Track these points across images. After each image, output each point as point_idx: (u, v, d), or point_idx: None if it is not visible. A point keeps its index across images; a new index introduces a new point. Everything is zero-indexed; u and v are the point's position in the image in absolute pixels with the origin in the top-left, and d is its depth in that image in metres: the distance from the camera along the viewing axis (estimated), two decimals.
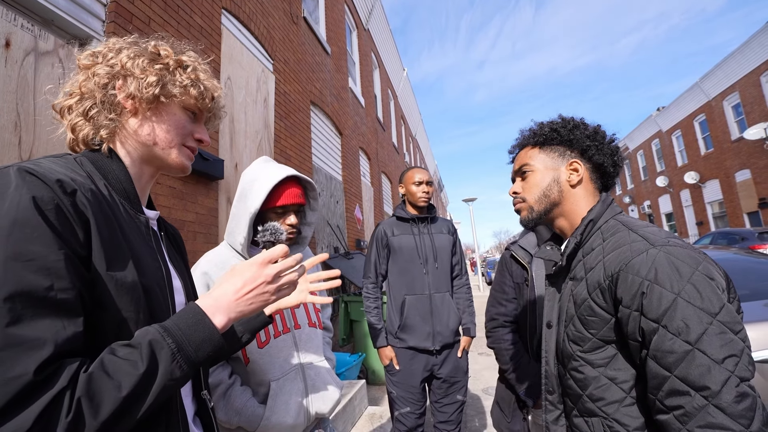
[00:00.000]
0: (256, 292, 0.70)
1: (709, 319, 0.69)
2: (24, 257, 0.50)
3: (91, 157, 0.71)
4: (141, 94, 0.74)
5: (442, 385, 2.24)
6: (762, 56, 13.74)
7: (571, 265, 0.96)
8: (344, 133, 7.80)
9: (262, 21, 4.82)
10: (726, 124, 16.06)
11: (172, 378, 0.57)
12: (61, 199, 0.56)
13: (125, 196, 0.72)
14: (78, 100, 0.73)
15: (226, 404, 1.24)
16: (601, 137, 0.99)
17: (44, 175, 0.56)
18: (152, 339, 0.57)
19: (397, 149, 14.53)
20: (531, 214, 1.01)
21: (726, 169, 16.28)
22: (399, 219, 2.39)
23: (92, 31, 2.56)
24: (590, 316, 0.85)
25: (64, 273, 0.53)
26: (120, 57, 0.74)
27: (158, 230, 0.83)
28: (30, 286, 0.49)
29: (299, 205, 1.42)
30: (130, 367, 0.53)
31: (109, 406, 0.50)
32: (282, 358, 1.33)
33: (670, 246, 0.77)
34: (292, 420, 1.27)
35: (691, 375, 0.68)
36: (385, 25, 12.05)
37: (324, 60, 7.00)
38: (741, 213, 15.72)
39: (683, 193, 19.67)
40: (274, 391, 1.28)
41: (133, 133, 0.75)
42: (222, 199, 3.76)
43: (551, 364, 0.99)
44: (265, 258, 0.72)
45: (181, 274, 0.86)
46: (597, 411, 0.84)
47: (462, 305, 2.37)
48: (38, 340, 0.48)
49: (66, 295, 0.52)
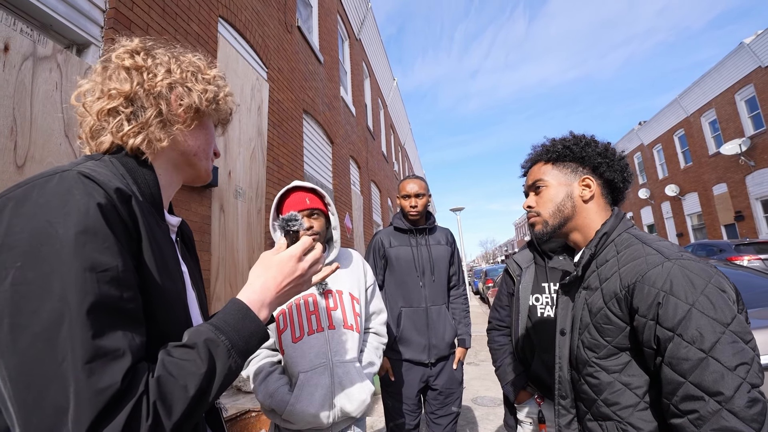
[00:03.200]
0: (293, 285, 0.74)
1: (721, 328, 0.73)
2: (99, 268, 0.50)
3: (122, 161, 0.68)
4: (202, 106, 0.74)
5: (438, 396, 2.23)
6: (736, 76, 14.33)
7: (585, 276, 0.99)
8: (335, 141, 7.83)
9: (258, 30, 4.84)
10: (704, 140, 16.63)
11: (230, 373, 0.59)
12: (119, 208, 0.56)
13: (153, 202, 0.70)
14: (126, 105, 0.69)
15: (264, 387, 1.39)
16: (612, 154, 1.02)
17: (104, 183, 0.56)
18: (207, 338, 0.59)
19: (387, 158, 14.62)
20: (546, 228, 1.05)
21: (704, 182, 16.82)
22: (396, 229, 2.38)
23: (91, 36, 2.55)
24: (606, 325, 0.88)
25: (131, 283, 0.53)
26: (173, 64, 0.73)
27: (175, 237, 0.82)
28: (106, 298, 0.50)
29: (310, 210, 1.50)
30: (193, 366, 0.55)
31: (180, 406, 0.52)
32: (313, 354, 1.43)
33: (684, 260, 0.81)
34: (315, 410, 1.37)
35: (706, 381, 0.71)
36: (377, 36, 12.20)
37: (317, 69, 7.05)
38: (719, 225, 16.23)
39: (664, 205, 20.22)
40: (301, 381, 1.39)
41: (175, 142, 0.73)
42: (215, 206, 3.73)
43: (565, 369, 1.02)
44: (299, 252, 0.75)
45: (195, 282, 0.84)
46: (612, 415, 0.87)
47: (458, 316, 2.36)
48: (119, 350, 0.49)
49: (133, 305, 0.53)
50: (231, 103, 0.82)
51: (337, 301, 1.53)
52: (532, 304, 1.76)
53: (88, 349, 0.47)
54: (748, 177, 14.45)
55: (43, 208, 0.51)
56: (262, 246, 4.53)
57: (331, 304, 1.51)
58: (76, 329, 0.46)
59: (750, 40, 13.17)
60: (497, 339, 1.94)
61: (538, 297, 1.76)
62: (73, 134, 2.31)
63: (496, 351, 1.93)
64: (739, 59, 13.90)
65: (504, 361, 1.87)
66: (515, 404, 1.84)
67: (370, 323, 1.71)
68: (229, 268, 3.84)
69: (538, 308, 1.74)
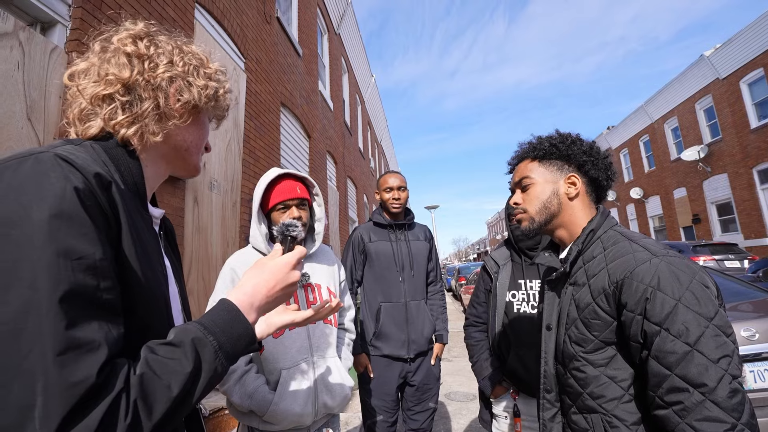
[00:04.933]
0: (282, 293, 0.72)
1: (706, 323, 0.76)
2: (74, 255, 0.47)
3: (104, 146, 0.64)
4: (200, 103, 0.71)
5: (415, 392, 2.24)
6: (696, 86, 15.10)
7: (572, 272, 1.01)
8: (312, 136, 7.73)
9: (236, 18, 4.70)
10: (666, 145, 17.46)
11: (215, 375, 0.56)
12: (98, 194, 0.52)
13: (135, 191, 0.67)
14: (122, 92, 0.65)
15: (240, 388, 1.30)
16: (596, 153, 1.04)
17: (83, 167, 0.52)
18: (195, 337, 0.56)
19: (363, 154, 14.57)
20: (532, 225, 1.06)
21: (666, 186, 17.67)
22: (376, 224, 2.37)
23: (57, 14, 2.40)
24: (594, 319, 0.91)
25: (108, 273, 0.50)
26: (176, 56, 0.70)
27: (158, 229, 0.78)
28: (82, 287, 0.46)
29: (300, 199, 1.48)
30: (177, 365, 0.52)
31: (161, 406, 0.49)
32: (295, 349, 1.39)
33: (670, 257, 0.84)
34: (300, 409, 1.32)
35: (691, 373, 0.74)
36: (356, 31, 12.12)
37: (295, 62, 6.93)
38: (678, 227, 17.10)
39: (629, 207, 21.11)
40: (284, 379, 1.34)
41: (168, 136, 0.70)
42: (189, 198, 3.60)
43: (550, 364, 1.04)
44: (294, 260, 0.74)
45: (177, 276, 0.81)
46: (597, 408, 0.90)
47: (435, 311, 2.38)
48: (94, 342, 0.46)
49: (110, 296, 0.50)
50: (229, 99, 0.80)
51: (316, 295, 1.51)
52: (509, 301, 1.80)
53: (60, 340, 0.43)
54: (705, 182, 15.29)
55: (16, 191, 0.47)
56: (236, 240, 4.41)
57: (311, 298, 1.49)
58: (47, 319, 0.43)
59: (709, 53, 13.90)
60: (474, 335, 1.97)
61: (515, 294, 1.80)
62: (36, 117, 2.17)
63: (473, 347, 1.95)
64: (699, 71, 14.65)
65: (481, 356, 1.90)
66: (491, 399, 1.87)
67: (342, 319, 1.71)
68: (202, 263, 3.73)
69: (515, 304, 1.79)
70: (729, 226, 14.46)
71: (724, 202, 14.55)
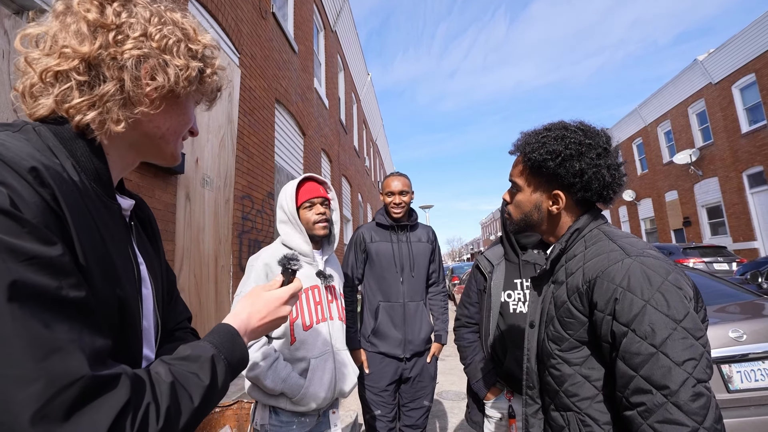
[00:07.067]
0: (272, 325, 0.77)
1: (673, 325, 0.77)
2: (21, 256, 0.41)
3: (54, 131, 0.55)
4: (177, 88, 0.60)
5: (410, 389, 2.27)
6: (689, 90, 15.25)
7: (555, 269, 1.02)
8: (307, 133, 7.70)
9: (231, 13, 4.67)
10: (659, 149, 17.61)
11: (223, 391, 0.60)
12: (38, 191, 0.45)
13: (97, 178, 0.57)
14: (80, 70, 0.54)
15: (273, 373, 1.46)
16: (593, 174, 0.95)
17: (15, 162, 0.45)
18: (213, 354, 0.60)
19: (358, 153, 14.55)
20: (514, 227, 1.10)
21: (658, 189, 17.84)
22: (379, 225, 2.39)
23: (44, 3, 2.37)
24: (568, 318, 0.92)
25: (69, 269, 0.45)
26: (154, 26, 0.58)
27: (129, 220, 0.68)
28: (39, 287, 0.42)
29: (323, 198, 1.68)
30: (198, 379, 0.55)
31: (185, 416, 0.51)
32: (321, 341, 1.60)
33: (644, 257, 0.84)
34: (324, 393, 1.53)
35: (654, 375, 0.75)
36: (352, 29, 12.08)
37: (291, 58, 6.89)
38: (669, 230, 17.27)
39: (621, 209, 21.28)
40: (314, 366, 1.54)
41: (137, 123, 0.60)
42: (181, 194, 3.58)
43: (533, 361, 1.05)
44: (287, 296, 0.80)
45: (152, 269, 0.71)
46: (571, 406, 0.91)
47: (436, 312, 2.42)
48: (71, 343, 0.42)
49: (78, 293, 0.45)
50: (219, 80, 0.69)
51: (333, 294, 1.72)
52: (504, 301, 1.75)
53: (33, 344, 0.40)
54: (696, 185, 15.46)
55: None
56: (229, 237, 4.39)
57: (329, 297, 1.69)
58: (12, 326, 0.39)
59: (703, 57, 14.03)
60: (466, 336, 1.93)
61: (510, 293, 1.75)
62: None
63: (465, 348, 1.91)
64: (692, 74, 14.79)
65: (474, 358, 1.86)
66: (484, 401, 1.83)
67: None
68: (194, 259, 3.71)
69: (510, 305, 1.74)
70: (718, 229, 14.64)
71: (714, 205, 14.72)
